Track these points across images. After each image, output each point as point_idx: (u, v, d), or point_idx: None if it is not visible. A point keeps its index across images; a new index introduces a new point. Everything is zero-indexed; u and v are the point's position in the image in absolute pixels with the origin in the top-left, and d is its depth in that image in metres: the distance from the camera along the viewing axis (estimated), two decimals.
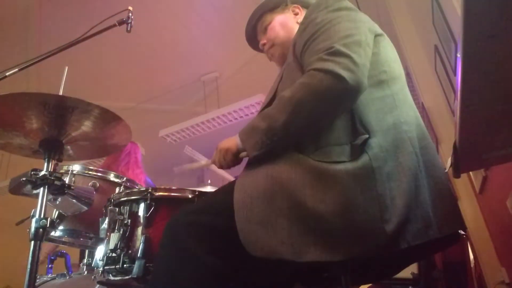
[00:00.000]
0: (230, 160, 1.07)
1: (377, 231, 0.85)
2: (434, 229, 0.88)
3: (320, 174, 0.89)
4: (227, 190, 0.98)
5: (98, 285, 1.43)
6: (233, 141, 1.06)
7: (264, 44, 1.31)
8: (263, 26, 1.31)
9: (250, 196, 0.91)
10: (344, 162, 0.90)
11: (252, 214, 0.89)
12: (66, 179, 1.59)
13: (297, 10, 1.30)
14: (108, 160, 2.50)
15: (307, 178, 0.89)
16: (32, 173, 1.20)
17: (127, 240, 1.25)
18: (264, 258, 0.85)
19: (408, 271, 1.81)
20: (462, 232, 0.98)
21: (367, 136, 0.93)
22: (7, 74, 1.39)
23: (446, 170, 1.02)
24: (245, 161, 1.08)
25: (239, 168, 1.08)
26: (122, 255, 1.22)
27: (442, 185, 0.96)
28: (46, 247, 2.46)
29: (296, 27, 1.21)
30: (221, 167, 1.11)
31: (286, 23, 1.27)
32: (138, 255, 1.20)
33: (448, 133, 2.52)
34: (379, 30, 1.10)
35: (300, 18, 1.26)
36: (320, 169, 0.90)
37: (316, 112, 0.94)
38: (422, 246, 0.88)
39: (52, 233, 1.59)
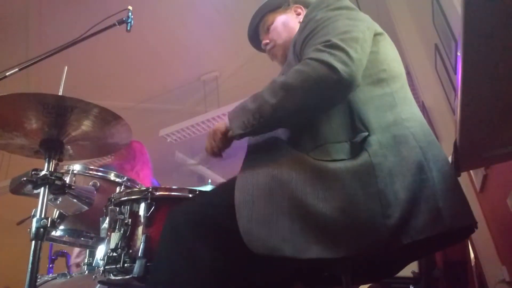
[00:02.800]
0: (220, 140, 1.07)
1: (379, 227, 0.85)
2: (443, 223, 0.87)
3: (320, 172, 0.90)
4: (227, 187, 0.98)
5: (99, 285, 1.43)
6: (221, 122, 1.08)
7: (266, 44, 1.31)
8: (266, 26, 1.32)
9: (251, 195, 0.92)
10: (343, 160, 0.91)
11: (253, 213, 0.89)
12: (67, 179, 1.59)
13: (299, 10, 1.31)
14: (119, 159, 2.48)
15: (307, 176, 0.90)
16: (33, 173, 1.20)
17: (127, 240, 1.25)
18: (266, 256, 0.86)
19: (409, 270, 1.81)
20: (475, 227, 0.97)
21: (366, 133, 0.93)
22: (7, 74, 1.39)
23: None
24: (242, 147, 1.08)
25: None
26: (122, 254, 1.22)
27: (451, 179, 0.95)
28: None
29: (297, 27, 1.21)
30: (213, 152, 1.10)
31: (288, 23, 1.28)
32: (139, 255, 1.20)
33: (449, 132, 2.51)
34: (379, 29, 1.10)
35: (302, 18, 1.26)
36: (320, 167, 0.90)
37: (306, 99, 0.95)
38: (427, 241, 0.87)
39: (53, 233, 1.59)
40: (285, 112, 0.96)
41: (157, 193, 1.29)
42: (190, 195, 1.30)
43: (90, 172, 1.68)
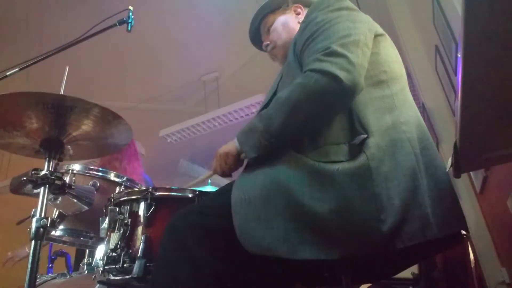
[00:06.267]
0: (232, 163, 1.08)
1: (373, 231, 0.85)
2: (432, 230, 0.88)
3: (318, 173, 0.89)
4: (226, 191, 0.99)
5: (98, 285, 1.43)
6: (231, 145, 1.08)
7: (267, 45, 1.32)
8: (266, 27, 1.32)
9: (248, 194, 0.92)
10: (341, 161, 0.91)
11: (249, 212, 0.89)
12: (67, 179, 1.59)
13: (299, 10, 1.31)
14: (107, 158, 2.48)
15: (304, 177, 0.90)
16: (33, 172, 1.20)
17: (127, 240, 1.25)
18: (261, 255, 0.86)
19: (409, 271, 1.81)
20: (464, 233, 0.98)
21: (365, 136, 0.93)
22: (7, 73, 1.39)
23: (446, 170, 1.01)
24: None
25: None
26: (122, 254, 1.22)
27: (443, 185, 0.95)
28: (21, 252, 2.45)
29: (297, 27, 1.21)
30: (223, 173, 1.11)
31: (288, 24, 1.28)
32: (139, 255, 1.20)
33: (449, 133, 2.51)
34: (380, 30, 1.10)
35: (302, 17, 1.26)
36: (318, 168, 0.90)
37: (313, 112, 0.95)
38: (420, 246, 0.88)
39: (53, 233, 1.59)
40: (294, 128, 0.97)
41: (157, 193, 1.29)
42: (190, 196, 1.30)
43: (90, 172, 1.68)
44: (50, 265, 2.20)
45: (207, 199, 1.10)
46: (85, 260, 1.79)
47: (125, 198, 1.33)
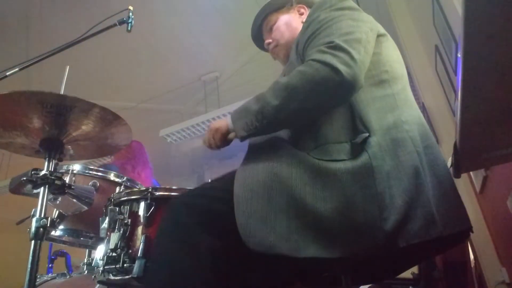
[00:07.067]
0: (219, 139, 1.07)
1: (376, 230, 0.85)
2: (437, 228, 0.87)
3: (320, 172, 0.89)
4: (228, 178, 0.99)
5: (98, 285, 1.43)
6: (223, 121, 1.08)
7: (269, 44, 1.31)
8: (269, 25, 1.32)
9: (250, 191, 0.91)
10: (343, 160, 0.91)
11: (251, 210, 0.89)
12: (67, 179, 1.59)
13: (302, 10, 1.31)
14: (119, 159, 2.49)
15: (306, 175, 0.90)
16: (33, 172, 1.21)
17: (127, 240, 1.25)
18: (263, 253, 0.86)
19: (409, 271, 1.81)
20: (470, 231, 0.98)
21: (367, 134, 0.93)
22: (7, 73, 1.39)
23: None
24: (242, 148, 1.07)
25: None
26: (122, 254, 1.22)
27: (447, 184, 0.95)
28: None
29: (300, 27, 1.21)
30: (210, 146, 1.11)
31: (291, 23, 1.28)
32: (139, 255, 1.20)
33: (449, 133, 2.51)
34: (382, 30, 1.10)
35: (305, 18, 1.26)
36: (320, 167, 0.90)
37: (309, 100, 0.95)
38: (424, 245, 0.88)
39: (53, 233, 1.60)
40: (288, 113, 0.96)
41: (157, 193, 1.29)
42: None
43: (90, 172, 1.68)
44: (50, 265, 2.21)
45: (208, 183, 1.09)
46: (85, 260, 1.79)
47: (125, 198, 1.33)
